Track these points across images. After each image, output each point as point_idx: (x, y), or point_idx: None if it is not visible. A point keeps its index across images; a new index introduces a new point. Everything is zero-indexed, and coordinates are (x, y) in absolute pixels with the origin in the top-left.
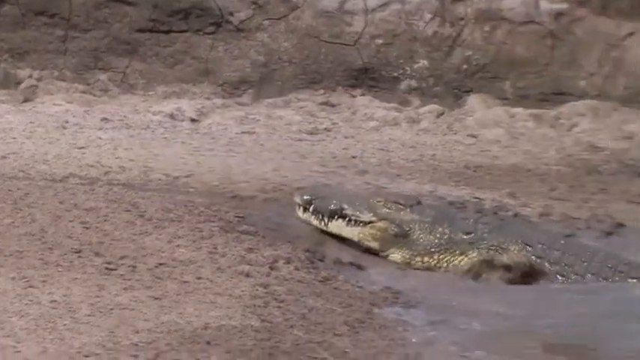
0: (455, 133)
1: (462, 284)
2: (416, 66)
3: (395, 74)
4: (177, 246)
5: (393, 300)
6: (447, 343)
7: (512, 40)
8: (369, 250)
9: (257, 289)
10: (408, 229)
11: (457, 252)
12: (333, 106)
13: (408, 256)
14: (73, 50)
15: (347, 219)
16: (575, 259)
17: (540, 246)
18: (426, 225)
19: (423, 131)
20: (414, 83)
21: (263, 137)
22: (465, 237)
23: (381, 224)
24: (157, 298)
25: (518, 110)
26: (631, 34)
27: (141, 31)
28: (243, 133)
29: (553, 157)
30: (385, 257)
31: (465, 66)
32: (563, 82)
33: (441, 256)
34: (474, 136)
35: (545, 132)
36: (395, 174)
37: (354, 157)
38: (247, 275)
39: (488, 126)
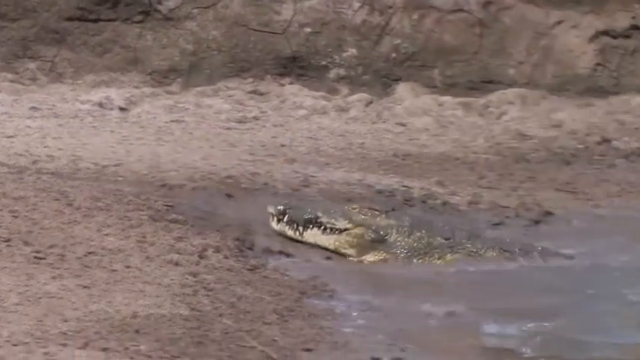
0: (384, 122)
1: (392, 274)
2: (345, 54)
3: (324, 63)
4: (106, 235)
5: (322, 289)
6: (376, 332)
7: (440, 28)
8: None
9: (186, 278)
10: (384, 234)
11: (436, 256)
12: (261, 94)
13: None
14: (1, 39)
15: (322, 227)
16: None
17: (518, 252)
18: (405, 229)
19: (351, 120)
20: (342, 72)
21: (192, 126)
22: (444, 241)
23: (357, 231)
24: (85, 287)
25: (447, 99)
26: (559, 22)
27: (69, 19)
28: (172, 121)
29: (482, 146)
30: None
31: (393, 54)
32: (491, 71)
33: (419, 260)
34: (402, 125)
35: (473, 120)
36: (324, 162)
37: (283, 146)
38: (176, 264)
39: (416, 114)
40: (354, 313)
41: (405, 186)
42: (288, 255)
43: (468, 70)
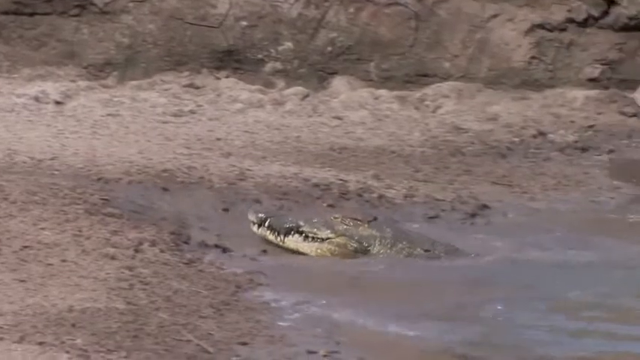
0: (320, 115)
1: (328, 269)
2: (281, 48)
3: (260, 56)
4: (42, 229)
5: (258, 283)
6: (312, 325)
7: (376, 21)
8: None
9: (122, 272)
10: (368, 245)
11: None
12: (197, 88)
13: None
14: None
15: (304, 235)
16: None
17: None
18: (387, 241)
19: (287, 113)
20: (278, 65)
21: (128, 120)
22: (423, 253)
23: (339, 240)
24: (22, 281)
25: (383, 92)
26: (495, 15)
27: (5, 13)
28: (108, 115)
29: (417, 139)
30: None
31: (329, 48)
32: (427, 64)
33: None
34: (338, 118)
35: (409, 114)
36: (260, 156)
37: (218, 139)
38: (112, 258)
39: (352, 108)
40: (291, 307)
41: (341, 179)
42: (224, 249)
43: (403, 63)
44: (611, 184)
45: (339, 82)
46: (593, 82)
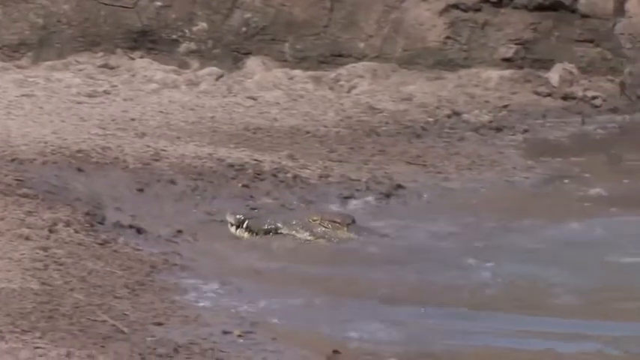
0: (234, 96)
1: (245, 251)
2: (195, 28)
3: (174, 37)
4: None
5: (173, 263)
6: (227, 306)
7: (291, 2)
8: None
9: (36, 253)
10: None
11: None
12: (112, 68)
13: None
14: None
15: (282, 237)
16: None
17: None
18: None
19: (202, 93)
20: (193, 46)
21: (42, 100)
22: None
23: (319, 242)
24: None
25: (298, 72)
26: None
27: None
28: (22, 95)
29: (332, 119)
30: None
31: (244, 28)
32: (341, 44)
33: None
34: (253, 99)
35: (324, 94)
36: (175, 136)
37: (133, 120)
38: (27, 238)
39: (267, 88)
40: (207, 288)
41: (255, 159)
42: (138, 229)
43: (318, 43)
44: (525, 163)
45: (253, 63)
46: (507, 62)
